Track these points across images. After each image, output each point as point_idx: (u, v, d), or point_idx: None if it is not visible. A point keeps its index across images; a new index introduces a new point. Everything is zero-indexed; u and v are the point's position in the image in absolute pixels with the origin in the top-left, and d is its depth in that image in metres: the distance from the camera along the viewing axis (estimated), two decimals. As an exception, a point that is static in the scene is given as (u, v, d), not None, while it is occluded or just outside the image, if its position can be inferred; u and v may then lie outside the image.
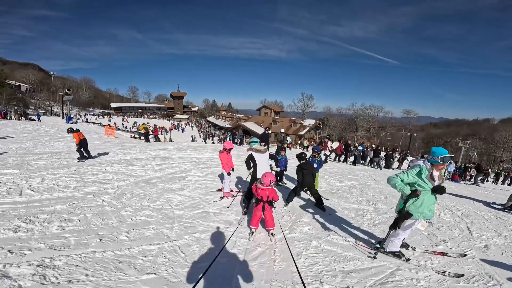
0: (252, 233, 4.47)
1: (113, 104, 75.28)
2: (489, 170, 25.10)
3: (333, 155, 15.81)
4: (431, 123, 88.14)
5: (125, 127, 40.63)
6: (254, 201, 4.58)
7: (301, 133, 45.49)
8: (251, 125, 50.88)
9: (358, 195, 7.51)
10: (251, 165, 5.35)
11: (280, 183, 7.87)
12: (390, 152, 18.01)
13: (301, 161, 5.98)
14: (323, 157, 13.89)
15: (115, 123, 42.04)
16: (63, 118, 30.84)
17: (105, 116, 57.12)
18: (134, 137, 20.51)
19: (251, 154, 5.34)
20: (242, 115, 63.14)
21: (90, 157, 9.72)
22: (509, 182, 22.54)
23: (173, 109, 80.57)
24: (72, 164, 8.67)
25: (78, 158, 9.37)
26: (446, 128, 76.96)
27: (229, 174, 6.17)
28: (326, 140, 15.82)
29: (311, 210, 5.90)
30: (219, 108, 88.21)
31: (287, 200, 6.11)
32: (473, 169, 16.32)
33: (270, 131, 15.73)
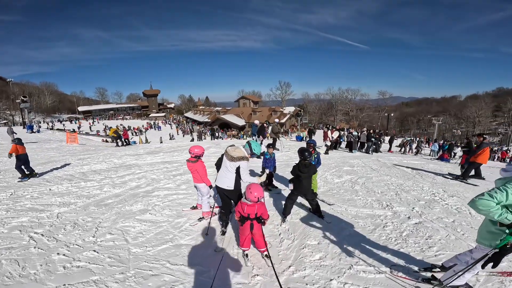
0: (246, 255, 3.58)
1: (80, 108, 71.16)
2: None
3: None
4: (403, 103, 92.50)
5: (96, 132, 37.63)
6: (238, 219, 3.47)
7: (282, 121, 44.65)
8: (230, 117, 50.22)
9: (365, 194, 6.26)
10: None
11: (270, 188, 6.46)
12: (378, 136, 17.22)
13: (304, 161, 4.47)
14: (323, 149, 12.99)
15: (78, 128, 39.21)
16: (24, 127, 28.00)
17: (73, 121, 53.54)
18: (107, 141, 18.05)
19: (222, 155, 4.18)
20: (220, 108, 62.30)
21: (32, 174, 7.70)
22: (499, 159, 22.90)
23: (147, 107, 77.98)
24: (11, 186, 6.80)
25: (19, 178, 7.42)
26: (417, 107, 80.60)
27: (210, 187, 4.66)
28: (326, 129, 14.55)
29: (316, 224, 4.56)
30: (196, 103, 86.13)
31: (284, 214, 4.72)
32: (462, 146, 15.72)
33: (267, 123, 14.32)
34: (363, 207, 5.41)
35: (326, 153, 12.77)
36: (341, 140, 16.28)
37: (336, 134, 13.86)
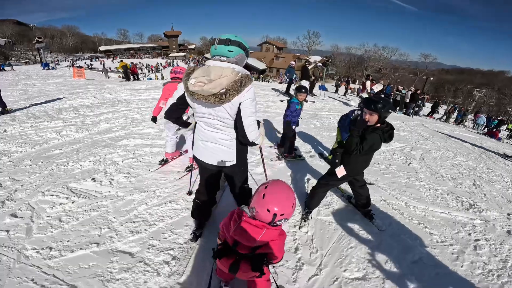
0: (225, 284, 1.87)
1: (102, 48, 71.22)
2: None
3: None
4: (443, 69, 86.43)
5: (108, 68, 38.25)
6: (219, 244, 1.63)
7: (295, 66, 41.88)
8: (251, 61, 48.24)
9: (430, 179, 4.19)
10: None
11: (293, 155, 4.33)
12: (422, 98, 14.35)
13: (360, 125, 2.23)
14: (357, 101, 10.78)
15: (90, 65, 39.04)
16: (41, 65, 29.20)
17: (94, 59, 53.59)
18: (122, 78, 17.27)
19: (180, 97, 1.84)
20: None
21: (4, 111, 5.95)
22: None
23: (168, 48, 76.41)
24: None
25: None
26: (459, 76, 76.28)
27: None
28: (364, 80, 11.71)
29: (360, 232, 2.65)
30: None
31: (309, 206, 2.77)
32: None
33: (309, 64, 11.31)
34: (433, 203, 3.39)
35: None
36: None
37: (378, 88, 11.04)
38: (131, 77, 17.24)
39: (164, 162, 3.65)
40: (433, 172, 4.49)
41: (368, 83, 11.07)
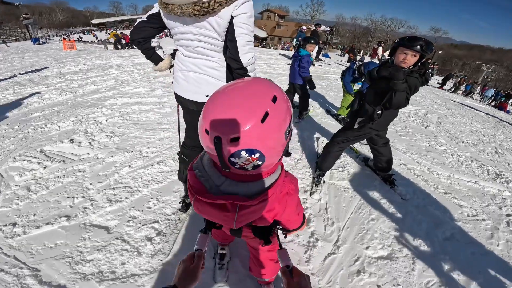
0: (222, 256, 1.52)
1: (94, 21, 68.40)
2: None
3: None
4: (452, 44, 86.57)
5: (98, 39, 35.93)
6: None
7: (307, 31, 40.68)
8: None
9: (451, 144, 3.82)
10: None
11: (303, 114, 3.89)
12: (432, 67, 13.78)
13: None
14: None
15: (80, 38, 36.25)
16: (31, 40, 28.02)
17: (87, 33, 51.01)
18: (117, 48, 16.08)
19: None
20: None
21: None
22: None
23: None
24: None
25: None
26: (468, 51, 76.62)
27: None
28: (376, 46, 11.02)
29: (381, 202, 2.27)
30: None
31: (321, 168, 2.37)
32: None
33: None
34: (458, 170, 3.01)
35: None
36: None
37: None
38: (126, 45, 16.30)
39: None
40: (452, 137, 4.14)
41: (380, 49, 10.38)
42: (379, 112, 1.87)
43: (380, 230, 1.92)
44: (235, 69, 1.27)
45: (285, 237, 1.17)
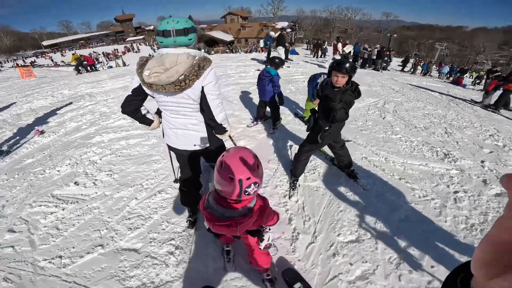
0: (227, 252, 2.01)
1: (45, 42, 64.29)
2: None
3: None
4: (404, 26, 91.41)
5: (55, 63, 33.73)
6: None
7: (275, 35, 40.95)
8: (217, 34, 46.02)
9: (405, 131, 4.35)
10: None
11: (276, 124, 4.28)
12: (388, 54, 14.72)
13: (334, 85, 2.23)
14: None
15: (33, 62, 34.28)
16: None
17: (39, 56, 47.80)
18: (79, 72, 15.24)
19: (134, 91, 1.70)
20: (205, 25, 56.78)
21: None
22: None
23: (123, 33, 71.42)
24: None
25: None
26: (419, 31, 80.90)
27: None
28: (336, 42, 11.78)
29: (348, 194, 2.71)
30: None
31: (295, 174, 2.79)
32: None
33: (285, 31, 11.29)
34: (410, 156, 3.52)
35: None
36: (350, 55, 14.09)
37: (349, 48, 11.31)
38: (88, 68, 15.84)
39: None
40: (407, 124, 4.67)
41: (339, 45, 11.14)
42: (327, 128, 2.32)
43: (348, 219, 2.35)
44: (213, 126, 1.68)
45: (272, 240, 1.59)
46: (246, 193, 1.15)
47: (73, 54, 20.06)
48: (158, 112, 1.86)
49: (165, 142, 1.90)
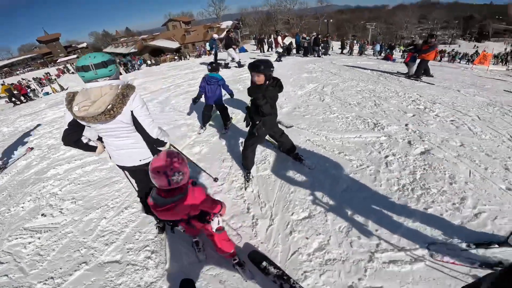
0: (196, 243, 2.27)
1: None
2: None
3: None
4: (339, 10, 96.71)
5: None
6: None
7: (221, 36, 40.92)
8: (161, 42, 44.87)
9: (341, 109, 4.86)
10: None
11: (227, 124, 4.51)
12: (325, 40, 15.81)
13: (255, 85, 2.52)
14: (275, 56, 11.67)
15: None
16: None
17: None
18: (15, 103, 13.90)
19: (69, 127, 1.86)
20: (146, 36, 55.65)
21: None
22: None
23: (51, 54, 65.02)
24: None
25: None
26: (352, 14, 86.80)
27: None
28: (276, 36, 12.41)
29: (296, 176, 3.05)
30: (115, 36, 73.08)
31: (246, 167, 3.07)
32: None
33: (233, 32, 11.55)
34: (346, 130, 4.00)
35: (279, 60, 11.54)
36: (293, 46, 14.95)
37: (288, 40, 12.05)
38: (22, 98, 14.41)
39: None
40: (342, 103, 5.18)
41: (279, 38, 11.75)
42: (258, 122, 2.61)
43: (298, 199, 2.67)
44: (152, 142, 1.86)
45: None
46: (174, 181, 1.48)
47: (1, 85, 18.02)
48: (100, 138, 1.99)
49: (114, 163, 2.04)
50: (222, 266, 2.08)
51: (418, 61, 7.54)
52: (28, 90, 17.90)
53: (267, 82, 2.43)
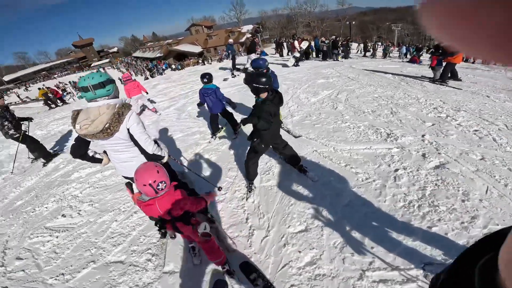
0: (192, 248, 2.41)
1: (6, 77, 61.97)
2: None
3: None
4: (361, 12, 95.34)
5: (30, 98, 32.77)
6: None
7: (242, 40, 41.41)
8: (185, 47, 45.95)
9: (354, 117, 4.71)
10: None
11: (237, 129, 4.54)
12: (345, 43, 15.41)
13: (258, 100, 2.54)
14: (292, 61, 11.53)
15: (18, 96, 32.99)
16: None
17: (5, 93, 45.84)
18: (50, 106, 14.77)
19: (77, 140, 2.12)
20: (171, 40, 56.42)
21: None
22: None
23: (85, 58, 69.34)
24: None
25: None
26: (374, 15, 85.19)
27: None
28: (292, 40, 12.42)
29: (298, 188, 3.01)
30: (143, 41, 77.07)
31: (249, 178, 3.08)
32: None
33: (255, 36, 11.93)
34: (356, 141, 3.87)
35: (296, 65, 11.46)
36: (311, 50, 14.77)
37: (305, 44, 11.95)
38: (58, 101, 15.28)
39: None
40: (356, 111, 5.00)
41: (296, 43, 11.69)
42: (255, 140, 2.61)
43: (297, 211, 2.65)
44: (149, 156, 2.02)
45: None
46: (160, 189, 1.67)
47: (39, 88, 19.53)
48: (105, 151, 2.16)
49: (119, 174, 2.21)
50: (214, 272, 2.17)
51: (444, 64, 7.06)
52: (64, 94, 19.20)
53: (266, 94, 2.43)
